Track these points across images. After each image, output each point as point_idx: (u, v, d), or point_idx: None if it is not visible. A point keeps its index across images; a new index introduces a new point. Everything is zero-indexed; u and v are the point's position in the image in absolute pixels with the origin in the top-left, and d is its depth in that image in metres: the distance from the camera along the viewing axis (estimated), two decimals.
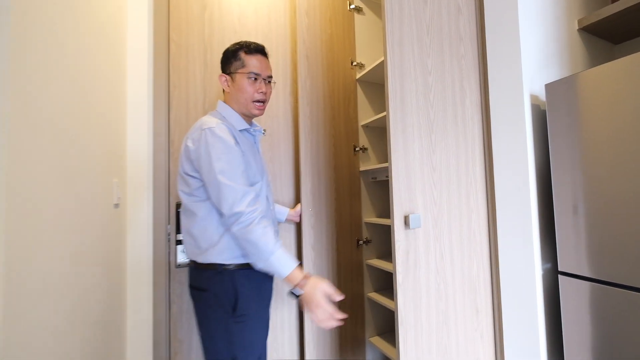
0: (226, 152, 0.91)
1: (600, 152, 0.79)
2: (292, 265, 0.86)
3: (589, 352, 0.81)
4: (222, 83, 1.05)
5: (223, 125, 0.95)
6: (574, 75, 0.84)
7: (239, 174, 0.90)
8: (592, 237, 0.81)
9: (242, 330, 0.93)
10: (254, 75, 1.02)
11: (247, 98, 1.02)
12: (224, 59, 1.06)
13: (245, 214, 0.87)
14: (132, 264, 1.32)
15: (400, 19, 0.89)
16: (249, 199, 0.88)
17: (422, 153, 0.90)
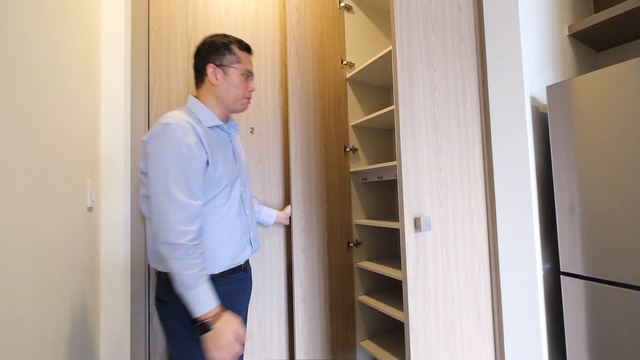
0: (176, 153, 0.82)
1: (602, 153, 0.81)
2: (208, 307, 0.80)
3: (592, 351, 0.82)
4: (209, 75, 0.96)
5: (186, 122, 0.86)
6: (576, 78, 0.86)
7: (183, 185, 0.82)
8: (594, 237, 0.82)
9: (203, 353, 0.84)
10: (247, 72, 1.01)
11: (240, 95, 0.99)
12: (213, 49, 0.98)
13: (172, 244, 0.79)
14: (107, 273, 1.19)
15: (408, 13, 0.86)
16: (186, 222, 0.80)
17: (430, 153, 0.88)
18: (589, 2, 1.25)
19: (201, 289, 0.80)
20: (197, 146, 0.86)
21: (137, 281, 1.23)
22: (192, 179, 0.83)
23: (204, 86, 0.98)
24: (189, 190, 0.82)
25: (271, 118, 1.61)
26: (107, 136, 1.23)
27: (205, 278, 0.81)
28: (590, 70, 1.23)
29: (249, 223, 1.04)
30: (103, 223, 1.20)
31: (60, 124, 0.82)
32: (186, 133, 0.85)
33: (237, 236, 0.97)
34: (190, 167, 0.83)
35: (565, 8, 1.13)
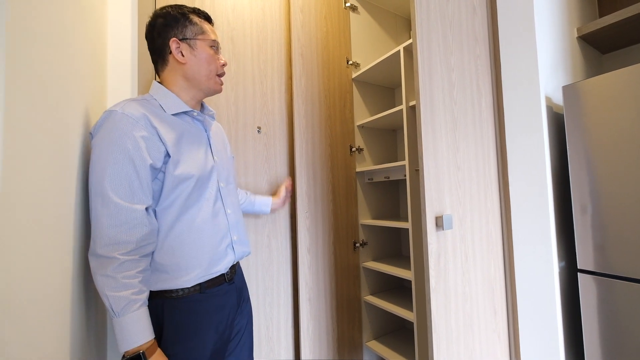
0: (117, 148, 0.69)
1: (618, 152, 0.83)
2: (139, 341, 0.67)
3: (610, 347, 0.83)
4: (174, 51, 0.81)
5: (136, 110, 0.73)
6: (593, 78, 0.87)
7: (122, 185, 0.69)
8: (611, 234, 0.83)
9: None
10: (216, 44, 0.86)
11: (212, 70, 0.85)
12: (171, 21, 0.82)
13: (101, 257, 0.67)
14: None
15: (427, 13, 0.86)
16: (122, 230, 0.68)
17: (449, 151, 0.88)
18: (594, 6, 1.28)
19: (133, 317, 0.67)
20: (148, 139, 0.73)
21: None
22: (135, 178, 0.71)
23: (168, 67, 0.84)
24: (130, 192, 0.70)
25: (278, 117, 1.60)
26: None
27: (140, 303, 0.69)
28: (596, 72, 1.26)
29: (231, 225, 0.87)
30: None
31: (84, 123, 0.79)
32: (133, 123, 0.72)
33: (212, 241, 0.82)
34: (133, 165, 0.70)
35: (573, 11, 1.16)
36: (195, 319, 0.78)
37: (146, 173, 0.72)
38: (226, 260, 0.84)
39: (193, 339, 0.77)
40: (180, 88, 0.84)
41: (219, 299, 0.83)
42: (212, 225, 0.82)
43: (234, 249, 0.87)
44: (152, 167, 0.73)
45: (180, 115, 0.83)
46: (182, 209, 0.77)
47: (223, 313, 0.83)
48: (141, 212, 0.71)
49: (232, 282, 0.88)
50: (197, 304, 0.78)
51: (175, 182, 0.76)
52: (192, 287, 0.78)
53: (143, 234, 0.71)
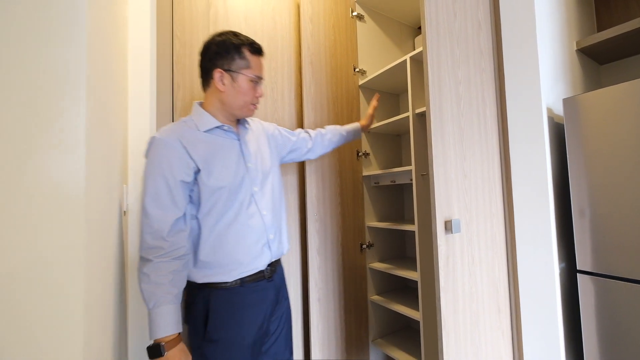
0: (156, 169, 0.83)
1: (615, 161, 0.89)
2: (164, 333, 0.78)
3: (607, 345, 0.89)
4: (216, 80, 0.91)
5: (171, 134, 0.86)
6: (593, 92, 0.93)
7: (157, 199, 0.82)
8: (609, 237, 0.89)
9: (213, 356, 0.85)
10: (257, 78, 0.95)
11: (247, 101, 0.95)
12: (222, 50, 0.91)
13: (141, 258, 0.82)
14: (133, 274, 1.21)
15: (437, 29, 0.92)
16: (158, 230, 0.81)
17: (457, 160, 0.94)
18: (592, 20, 1.35)
19: (162, 311, 0.78)
20: (179, 159, 0.84)
21: None
22: (167, 193, 0.83)
23: (210, 89, 0.95)
24: (163, 205, 0.82)
25: (288, 123, 1.65)
26: (134, 142, 1.25)
27: (169, 300, 0.79)
28: (595, 82, 1.32)
29: (267, 225, 0.95)
30: (130, 227, 1.22)
31: (114, 133, 0.85)
32: (169, 148, 0.84)
33: (249, 240, 0.91)
34: (165, 182, 0.83)
35: (572, 25, 1.22)
36: (236, 310, 0.88)
37: (177, 188, 0.84)
38: (263, 258, 0.94)
39: (234, 328, 0.87)
40: (216, 108, 0.95)
41: (258, 294, 0.93)
42: (248, 226, 0.91)
43: (270, 248, 0.96)
44: (183, 182, 0.85)
45: (212, 131, 0.93)
46: (219, 214, 0.88)
47: (262, 307, 0.93)
48: (171, 222, 0.83)
49: (272, 279, 0.97)
50: (238, 295, 0.89)
51: (210, 191, 0.87)
52: (234, 281, 0.89)
53: (171, 241, 0.82)
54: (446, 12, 0.96)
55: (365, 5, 1.91)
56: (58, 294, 0.48)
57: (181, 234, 0.84)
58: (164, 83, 1.33)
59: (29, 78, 0.48)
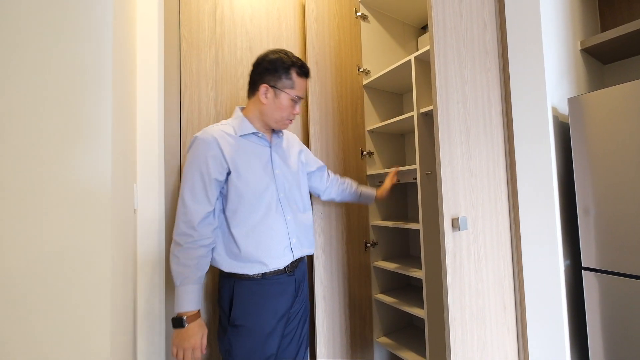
0: (194, 166, 0.94)
1: (620, 159, 0.90)
2: (187, 308, 0.89)
3: (612, 341, 0.91)
4: (260, 93, 1.01)
5: (211, 136, 0.96)
6: (597, 91, 0.95)
7: (194, 192, 0.93)
8: (613, 234, 0.91)
9: (237, 341, 0.94)
10: (298, 98, 1.04)
11: (284, 117, 1.04)
12: (271, 68, 1.00)
13: (174, 241, 0.93)
14: (143, 275, 1.22)
15: (444, 30, 0.93)
16: (190, 220, 0.91)
17: (463, 158, 0.95)
18: (596, 21, 1.36)
19: (186, 289, 0.90)
20: (214, 158, 0.94)
21: (171, 283, 1.27)
22: (202, 188, 0.93)
23: (253, 99, 1.05)
24: (197, 199, 0.92)
25: (293, 123, 1.66)
26: (143, 141, 1.27)
27: (193, 281, 0.90)
28: (598, 82, 1.33)
29: (290, 229, 1.03)
30: (140, 224, 1.23)
31: (128, 132, 0.87)
32: (207, 147, 0.95)
33: (272, 242, 0.98)
34: (201, 178, 0.93)
35: (577, 25, 1.23)
36: (257, 299, 0.97)
37: (211, 184, 0.94)
38: (284, 259, 1.01)
39: (255, 316, 0.96)
40: (254, 116, 1.05)
41: (279, 286, 1.01)
42: (272, 229, 0.99)
43: (292, 250, 1.03)
44: (216, 180, 0.95)
45: (247, 136, 1.02)
46: (245, 215, 0.97)
47: (282, 299, 1.01)
48: (203, 215, 0.92)
49: (292, 274, 1.06)
50: (260, 286, 0.98)
51: (237, 192, 0.96)
52: (255, 274, 0.97)
53: (200, 231, 0.92)
54: (452, 12, 0.97)
55: (369, 6, 1.92)
56: (88, 283, 0.51)
57: (209, 226, 0.94)
58: (171, 83, 1.35)
59: (62, 80, 0.50)
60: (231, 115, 1.42)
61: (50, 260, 0.49)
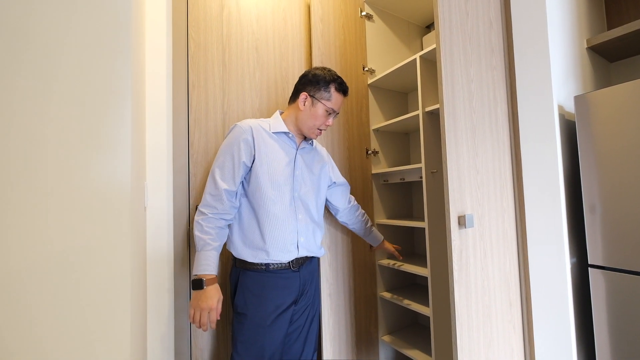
0: (228, 147, 1.04)
1: (627, 157, 0.90)
2: (205, 271, 0.96)
3: (618, 338, 0.91)
4: (300, 100, 1.10)
5: (247, 125, 1.07)
6: (604, 89, 0.95)
7: (223, 171, 1.02)
8: (619, 232, 0.91)
9: (241, 328, 1.00)
10: (332, 111, 1.11)
11: (316, 125, 1.11)
12: (313, 80, 1.10)
13: (199, 210, 1.01)
14: (153, 271, 1.24)
15: (450, 29, 0.94)
16: (218, 193, 1.00)
17: (469, 156, 0.96)
18: (603, 18, 1.35)
19: (206, 254, 0.97)
20: (246, 143, 1.04)
21: (180, 279, 1.29)
22: (231, 168, 1.02)
23: (293, 105, 1.14)
24: (226, 176, 1.02)
25: None
26: (152, 140, 1.29)
27: (213, 247, 0.98)
28: (605, 80, 1.33)
29: (300, 228, 1.08)
30: (149, 221, 1.26)
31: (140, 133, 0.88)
32: (242, 132, 1.05)
33: (281, 236, 1.04)
34: (232, 159, 1.03)
35: (583, 23, 1.23)
36: (259, 289, 1.02)
37: (239, 167, 1.03)
38: (288, 254, 1.05)
39: (257, 305, 1.01)
40: (290, 120, 1.14)
41: (283, 280, 1.05)
42: (282, 222, 1.04)
43: (298, 248, 1.08)
44: (244, 163, 1.04)
45: (278, 134, 1.11)
46: (260, 201, 1.03)
47: (284, 292, 1.05)
48: (228, 191, 1.01)
49: (297, 270, 1.09)
50: (263, 277, 1.03)
51: (257, 178, 1.04)
52: (259, 264, 1.03)
53: (224, 205, 1.01)
54: (459, 11, 0.98)
55: (374, 5, 1.93)
56: (112, 274, 0.53)
57: (232, 204, 1.03)
58: (179, 83, 1.37)
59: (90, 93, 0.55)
60: (246, 115, 1.50)
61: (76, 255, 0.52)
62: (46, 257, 0.51)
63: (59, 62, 0.55)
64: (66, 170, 0.54)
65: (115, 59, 0.57)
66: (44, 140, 0.53)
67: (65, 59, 0.55)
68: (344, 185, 1.39)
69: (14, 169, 0.51)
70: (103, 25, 0.58)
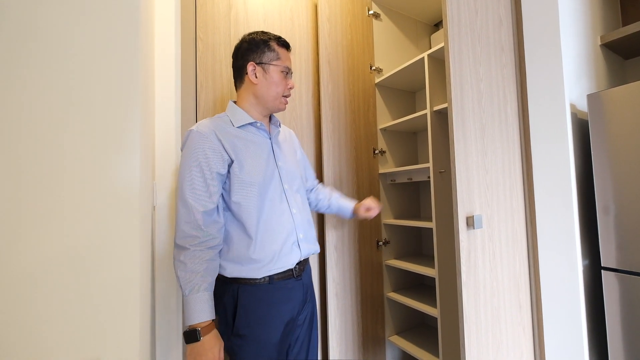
0: (192, 160, 0.86)
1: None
2: (200, 319, 0.80)
3: (634, 342, 0.88)
4: (249, 72, 0.95)
5: (206, 127, 0.90)
6: (617, 88, 0.93)
7: (194, 190, 0.85)
8: (634, 233, 0.88)
9: (243, 351, 0.86)
10: (287, 69, 0.98)
11: (279, 92, 0.97)
12: (253, 46, 0.96)
13: (177, 245, 0.85)
14: (161, 269, 1.26)
15: (459, 28, 0.93)
16: (194, 219, 0.83)
17: (478, 156, 0.95)
18: (617, 14, 1.32)
19: (198, 297, 0.80)
20: (214, 150, 0.87)
21: None
22: (203, 184, 0.85)
23: (244, 86, 0.98)
24: (200, 196, 0.85)
25: (305, 122, 1.68)
26: (161, 139, 1.30)
27: (205, 287, 0.82)
28: (619, 77, 1.30)
29: (297, 223, 0.96)
30: (158, 221, 1.27)
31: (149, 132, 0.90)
32: (204, 138, 0.87)
33: (280, 238, 0.91)
34: (202, 173, 0.85)
35: (596, 19, 1.20)
36: (264, 307, 0.88)
37: (213, 179, 0.87)
38: (292, 256, 0.93)
39: (262, 325, 0.87)
40: (250, 104, 0.98)
41: (287, 292, 0.92)
42: (278, 224, 0.92)
43: (299, 247, 0.96)
44: (218, 174, 0.88)
45: (245, 127, 0.96)
46: (250, 208, 0.89)
47: (289, 305, 0.93)
48: (206, 212, 0.85)
49: (300, 278, 0.97)
50: (266, 293, 0.89)
51: (241, 184, 0.89)
52: (262, 278, 0.88)
53: (205, 231, 0.84)
54: (467, 9, 0.97)
55: (382, 4, 1.91)
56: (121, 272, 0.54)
57: (215, 225, 0.87)
58: (187, 83, 1.38)
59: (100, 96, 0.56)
60: None
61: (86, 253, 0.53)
62: (57, 256, 0.52)
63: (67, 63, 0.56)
64: (75, 170, 0.55)
65: (124, 60, 0.58)
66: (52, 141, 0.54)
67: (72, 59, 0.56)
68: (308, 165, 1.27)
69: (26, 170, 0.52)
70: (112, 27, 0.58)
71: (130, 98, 0.58)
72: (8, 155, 0.52)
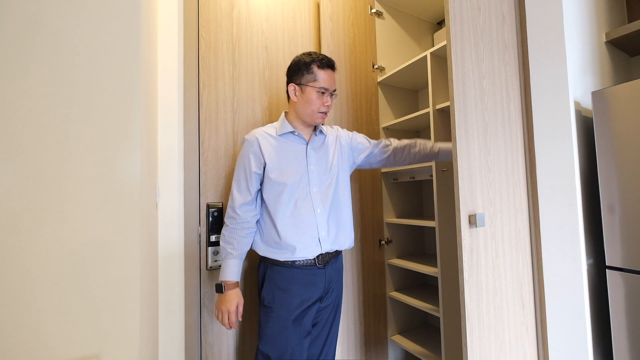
0: (240, 162, 1.12)
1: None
2: (227, 278, 1.07)
3: (638, 342, 0.87)
4: (290, 92, 1.13)
5: (254, 136, 1.12)
6: (622, 85, 0.91)
7: (238, 184, 1.11)
8: (639, 232, 0.87)
9: (266, 321, 1.05)
10: (323, 89, 1.09)
11: (314, 110, 1.10)
12: (295, 68, 1.11)
13: (224, 221, 1.12)
14: (164, 268, 1.27)
15: (461, 25, 0.92)
16: (234, 205, 1.09)
17: (480, 154, 0.94)
18: (623, 11, 1.30)
19: (227, 262, 1.07)
20: (254, 154, 1.10)
21: (190, 275, 1.31)
22: (245, 181, 1.10)
23: (290, 101, 1.16)
24: (241, 188, 1.10)
25: None
26: (164, 138, 1.31)
27: (234, 256, 1.07)
28: (625, 75, 1.28)
29: (319, 222, 1.09)
30: (161, 218, 1.28)
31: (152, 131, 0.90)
32: (250, 145, 1.11)
33: (301, 233, 1.06)
34: (244, 171, 1.11)
35: (601, 16, 1.19)
36: (286, 284, 1.06)
37: (251, 177, 1.10)
38: (311, 250, 1.08)
39: (283, 300, 1.05)
40: (293, 117, 1.17)
41: (309, 276, 1.08)
42: (300, 221, 1.07)
43: (320, 243, 1.09)
44: (255, 173, 1.10)
45: (285, 135, 1.14)
46: (277, 204, 1.08)
47: (310, 289, 1.08)
48: (243, 203, 1.09)
49: (323, 267, 1.12)
50: (288, 271, 1.08)
51: (272, 183, 1.09)
52: (284, 261, 1.07)
53: (241, 216, 1.09)
54: (470, 6, 0.96)
55: (384, 2, 1.91)
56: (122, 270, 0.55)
57: (249, 213, 1.10)
58: (190, 82, 1.38)
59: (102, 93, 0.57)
60: (255, 114, 1.53)
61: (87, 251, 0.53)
62: (58, 254, 0.53)
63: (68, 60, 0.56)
64: (75, 167, 0.55)
65: (126, 58, 0.59)
66: (53, 139, 0.54)
67: (74, 57, 0.56)
68: (381, 148, 1.30)
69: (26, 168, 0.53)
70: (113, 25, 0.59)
71: (132, 96, 0.59)
72: (9, 153, 0.53)
